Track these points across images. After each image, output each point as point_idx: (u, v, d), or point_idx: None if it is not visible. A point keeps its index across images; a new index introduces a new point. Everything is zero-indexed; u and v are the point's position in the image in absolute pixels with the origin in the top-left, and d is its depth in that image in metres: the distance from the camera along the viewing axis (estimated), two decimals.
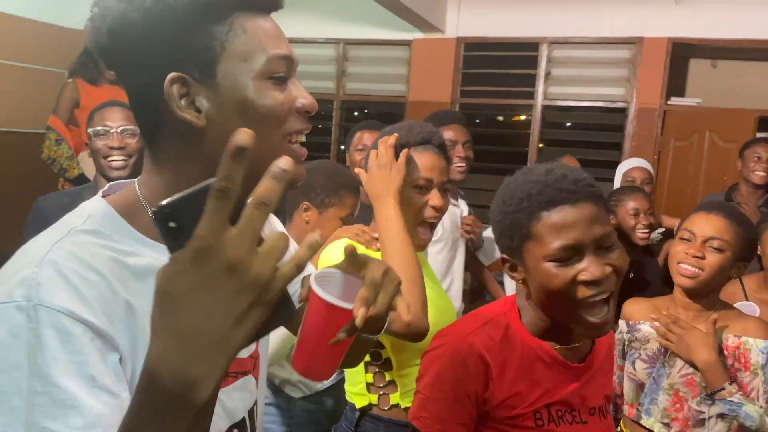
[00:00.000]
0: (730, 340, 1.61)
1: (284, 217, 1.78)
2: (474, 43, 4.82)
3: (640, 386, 1.74)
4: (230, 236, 0.47)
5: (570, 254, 0.99)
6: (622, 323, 1.83)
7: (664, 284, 2.48)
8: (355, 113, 5.48)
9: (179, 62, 0.67)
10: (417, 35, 4.86)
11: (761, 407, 1.53)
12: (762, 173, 2.93)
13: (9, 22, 4.33)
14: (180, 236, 0.48)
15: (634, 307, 1.83)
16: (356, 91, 5.19)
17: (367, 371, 1.43)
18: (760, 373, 1.57)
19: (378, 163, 1.37)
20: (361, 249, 1.37)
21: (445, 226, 2.30)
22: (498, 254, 2.81)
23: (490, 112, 5.27)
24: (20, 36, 4.32)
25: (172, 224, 0.49)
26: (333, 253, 1.44)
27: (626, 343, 1.80)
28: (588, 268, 0.98)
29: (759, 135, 4.24)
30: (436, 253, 2.28)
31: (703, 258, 1.59)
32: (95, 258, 0.65)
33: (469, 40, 4.81)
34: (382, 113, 5.43)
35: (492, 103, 5.01)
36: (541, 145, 4.86)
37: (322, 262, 1.50)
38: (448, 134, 2.37)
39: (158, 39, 0.67)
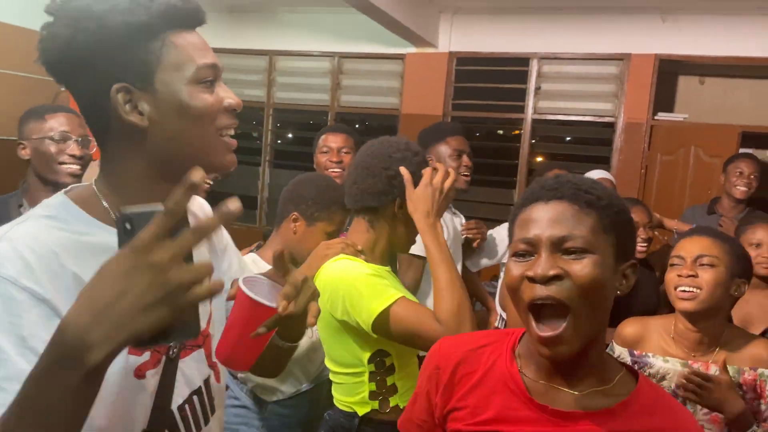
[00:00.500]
0: (747, 374, 1.56)
1: (276, 223, 1.83)
2: (466, 57, 4.91)
3: None
4: (161, 244, 0.58)
5: (527, 249, 0.92)
6: (621, 350, 1.73)
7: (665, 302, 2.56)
8: (356, 125, 5.56)
9: (122, 74, 0.81)
10: (410, 49, 4.95)
11: None
12: (743, 188, 3.00)
13: (1, 30, 4.41)
14: (130, 236, 0.59)
15: (632, 329, 1.74)
16: (351, 104, 5.28)
17: (370, 381, 1.44)
18: None
19: (434, 185, 1.43)
20: (354, 260, 1.43)
21: (450, 236, 2.31)
22: (484, 262, 2.88)
23: (482, 126, 5.36)
24: (12, 44, 4.38)
25: (128, 226, 0.61)
26: None
27: None
28: (536, 263, 0.89)
29: (742, 150, 4.34)
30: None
31: (697, 276, 1.56)
32: (49, 236, 0.77)
33: (462, 54, 4.91)
34: (377, 125, 5.52)
35: (483, 116, 5.10)
36: (540, 159, 4.96)
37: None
38: (456, 144, 2.42)
39: (103, 56, 0.80)
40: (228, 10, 5.37)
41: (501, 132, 5.42)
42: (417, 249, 1.60)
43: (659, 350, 1.66)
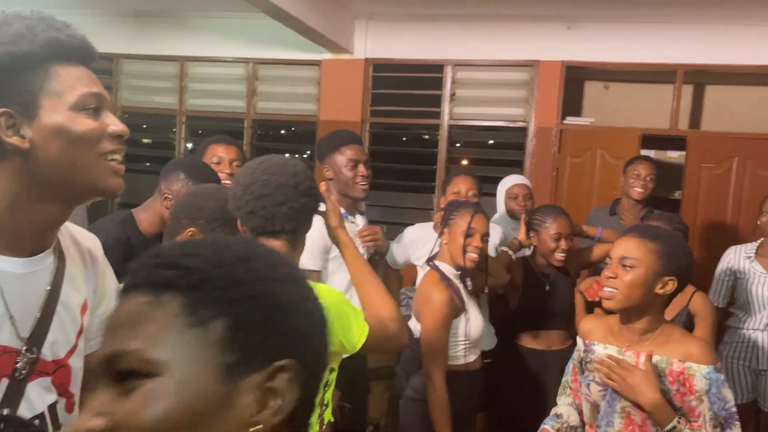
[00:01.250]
0: (675, 365, 1.62)
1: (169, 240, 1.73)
2: (382, 63, 4.93)
3: (596, 408, 1.77)
4: None
5: None
6: (579, 341, 1.85)
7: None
8: (272, 132, 5.48)
9: (5, 100, 0.88)
10: (326, 56, 4.92)
11: None
12: (640, 189, 3.14)
13: None
14: None
15: (589, 325, 1.84)
16: (267, 111, 5.18)
17: (318, 403, 1.42)
18: (704, 399, 1.58)
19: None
20: (313, 284, 1.40)
21: None
22: (402, 261, 2.88)
23: (400, 132, 5.40)
24: None
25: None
26: None
27: (583, 363, 1.83)
28: None
29: (643, 151, 4.57)
30: (335, 269, 2.31)
31: (616, 278, 1.63)
32: None
33: (378, 61, 4.92)
34: (295, 132, 5.46)
35: (401, 122, 5.13)
36: (465, 162, 5.04)
37: None
38: (351, 154, 2.41)
39: None
40: (135, 15, 5.16)
41: (418, 137, 5.48)
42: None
43: (603, 339, 1.76)
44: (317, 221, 1.51)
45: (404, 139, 5.64)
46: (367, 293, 1.46)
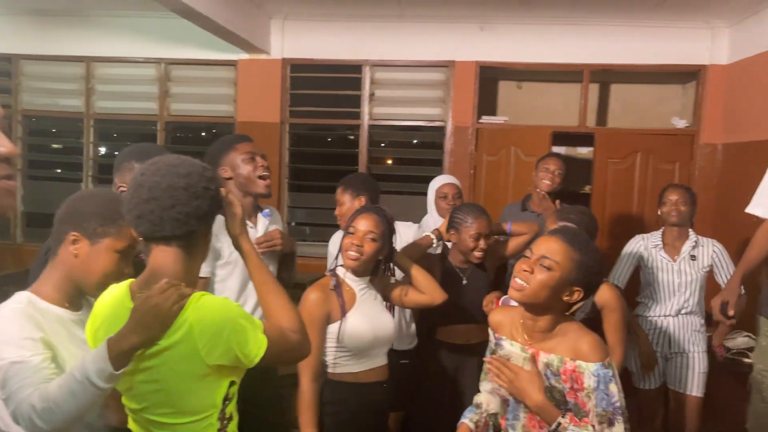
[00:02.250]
0: (567, 363, 1.65)
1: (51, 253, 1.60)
2: (300, 64, 4.89)
3: (505, 401, 1.80)
4: None
5: None
6: (490, 332, 1.87)
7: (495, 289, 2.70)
8: (192, 135, 5.31)
9: None
10: (242, 56, 4.82)
11: (594, 429, 1.60)
12: (548, 182, 3.27)
13: None
14: None
15: (499, 317, 1.86)
16: (181, 112, 5.03)
17: (218, 419, 1.36)
18: (592, 396, 1.61)
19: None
20: (210, 296, 1.32)
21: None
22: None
23: (320, 132, 5.37)
24: None
25: None
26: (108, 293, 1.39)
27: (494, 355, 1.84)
28: None
29: (555, 149, 4.75)
30: (227, 275, 2.25)
31: (532, 273, 1.63)
32: None
33: (295, 61, 4.87)
34: (217, 134, 5.32)
35: (321, 123, 5.10)
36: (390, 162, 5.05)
37: (97, 307, 1.41)
38: (246, 148, 2.33)
39: None
40: (36, 13, 4.88)
41: (339, 138, 5.47)
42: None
43: (510, 335, 1.79)
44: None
45: (330, 140, 5.61)
46: (270, 304, 1.41)
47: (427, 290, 2.29)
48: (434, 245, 2.69)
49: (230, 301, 1.33)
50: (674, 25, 4.47)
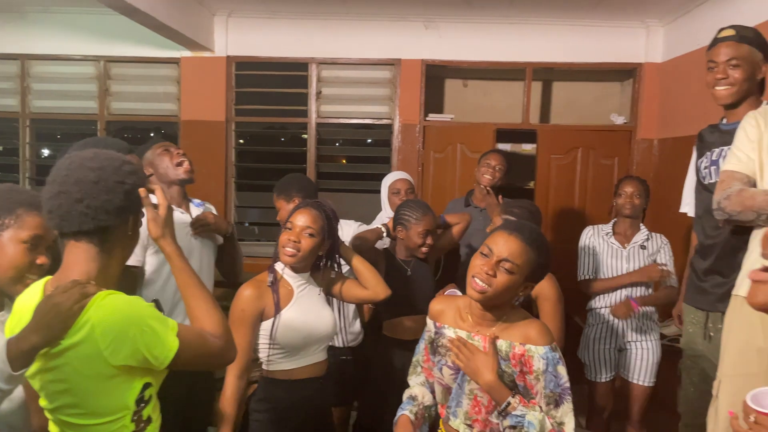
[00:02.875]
0: (516, 348, 1.72)
1: None
2: (245, 62, 4.83)
3: (447, 390, 1.83)
4: None
5: None
6: (430, 322, 1.89)
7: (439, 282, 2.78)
8: (126, 135, 5.18)
9: None
10: (185, 53, 4.74)
11: (541, 410, 1.68)
12: (488, 177, 3.33)
13: None
14: None
15: (440, 306, 1.89)
16: (123, 111, 4.90)
17: (131, 420, 1.33)
18: (541, 378, 1.68)
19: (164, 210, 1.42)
20: (118, 294, 1.28)
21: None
22: None
23: (267, 131, 5.33)
24: None
25: None
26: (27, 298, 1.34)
27: (434, 345, 1.87)
28: None
29: (500, 145, 4.84)
30: (159, 265, 2.26)
31: (494, 276, 1.66)
32: None
33: (240, 59, 4.82)
34: (165, 134, 5.22)
35: (268, 121, 5.06)
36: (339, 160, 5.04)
37: (16, 305, 1.37)
38: (162, 144, 2.47)
39: None
40: None
41: (286, 136, 5.44)
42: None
43: (453, 323, 1.83)
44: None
45: (283, 139, 5.57)
46: (193, 308, 1.38)
47: (370, 285, 2.29)
48: (383, 238, 2.73)
49: (141, 300, 1.30)
50: (611, 24, 4.62)
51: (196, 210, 2.46)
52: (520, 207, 2.57)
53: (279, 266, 2.15)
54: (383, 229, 2.74)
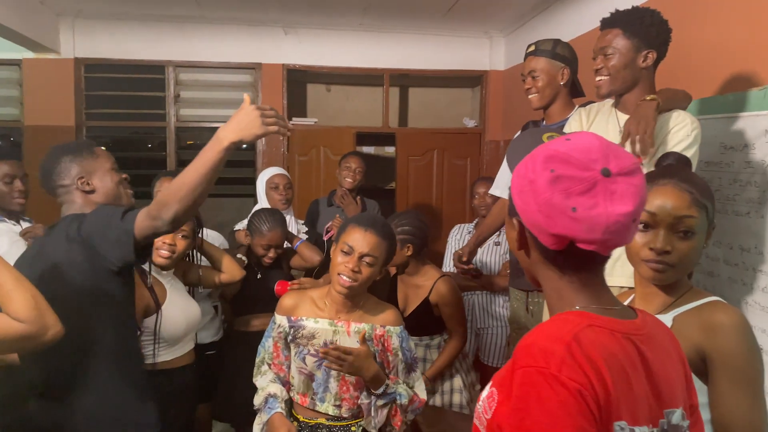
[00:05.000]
0: (377, 330, 1.93)
1: None
2: (95, 64, 4.62)
3: (310, 377, 1.93)
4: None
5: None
6: (282, 318, 1.97)
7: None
8: None
9: None
10: (27, 55, 4.44)
11: (405, 383, 1.93)
12: (350, 179, 3.50)
13: None
14: None
15: (291, 300, 1.98)
16: None
17: None
18: (399, 353, 1.93)
19: None
20: None
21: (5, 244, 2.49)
22: None
23: (122, 135, 5.12)
24: None
25: None
26: None
27: (289, 338, 1.96)
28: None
29: (364, 149, 5.04)
30: None
31: (359, 272, 1.84)
32: None
33: (90, 61, 4.60)
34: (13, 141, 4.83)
35: (123, 125, 4.87)
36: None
37: None
38: (5, 169, 2.67)
39: None
40: None
41: (144, 141, 5.26)
42: None
43: (311, 313, 1.95)
44: None
45: (150, 145, 5.36)
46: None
47: (227, 269, 2.54)
48: (246, 240, 2.83)
49: None
50: (459, 35, 4.98)
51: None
52: (408, 218, 2.56)
53: (147, 266, 2.18)
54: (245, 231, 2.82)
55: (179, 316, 2.23)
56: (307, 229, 3.43)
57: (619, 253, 1.60)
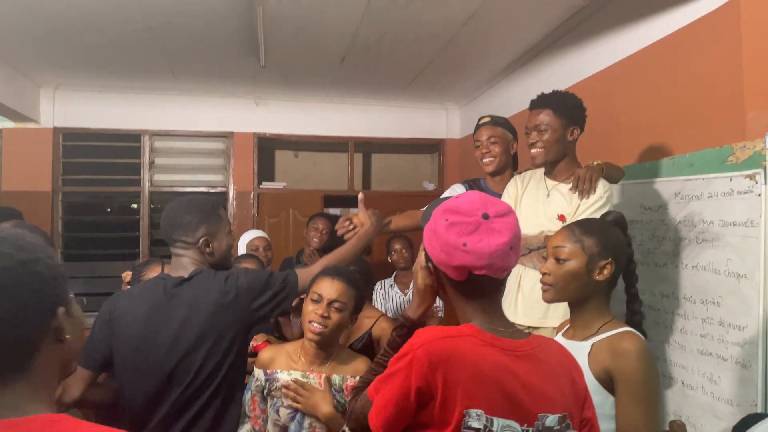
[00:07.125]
0: (348, 380, 1.99)
1: None
2: (73, 133, 4.85)
3: (284, 429, 1.99)
4: None
5: None
6: (259, 372, 2.04)
7: None
8: None
9: None
10: (7, 124, 4.65)
11: None
12: (317, 240, 3.74)
13: None
14: None
15: (269, 354, 2.06)
16: None
17: None
18: None
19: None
20: None
21: None
22: None
23: (98, 201, 5.29)
24: None
25: None
26: None
27: (266, 391, 2.02)
28: None
29: (331, 210, 5.32)
30: None
31: (329, 318, 1.92)
32: None
33: (68, 130, 4.83)
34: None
35: (99, 191, 5.06)
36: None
37: None
38: None
39: None
40: None
41: (118, 206, 5.43)
42: None
43: (286, 366, 2.03)
44: None
45: (109, 210, 5.51)
46: None
47: None
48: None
49: None
50: (418, 106, 5.40)
51: None
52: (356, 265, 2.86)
53: None
54: None
55: None
56: None
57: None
